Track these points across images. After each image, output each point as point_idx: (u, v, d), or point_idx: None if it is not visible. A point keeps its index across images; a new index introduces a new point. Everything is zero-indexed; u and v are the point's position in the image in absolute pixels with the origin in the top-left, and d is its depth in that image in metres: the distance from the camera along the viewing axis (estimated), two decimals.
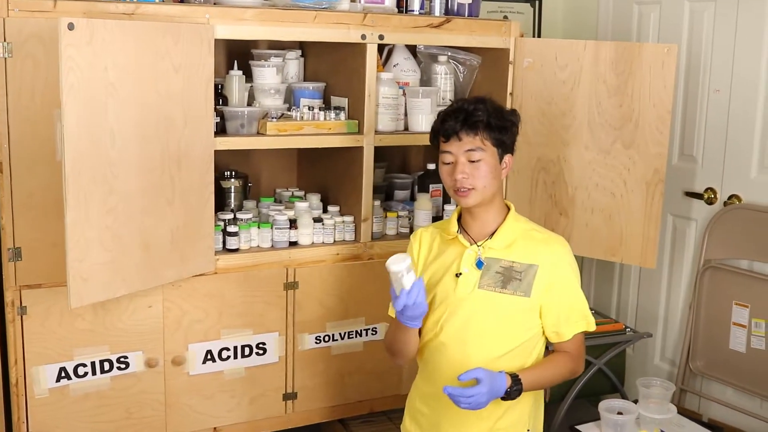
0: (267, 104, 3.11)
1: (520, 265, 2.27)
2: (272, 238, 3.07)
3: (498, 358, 2.26)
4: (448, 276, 2.31)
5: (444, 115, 2.28)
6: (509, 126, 2.30)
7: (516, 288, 2.25)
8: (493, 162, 2.26)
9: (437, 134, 2.30)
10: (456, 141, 2.24)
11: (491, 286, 2.26)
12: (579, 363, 2.34)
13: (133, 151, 2.52)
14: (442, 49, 3.40)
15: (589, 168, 3.23)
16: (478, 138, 2.24)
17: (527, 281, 2.25)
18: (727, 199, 3.46)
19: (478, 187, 2.24)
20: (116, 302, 2.76)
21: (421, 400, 2.43)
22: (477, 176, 2.24)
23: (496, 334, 2.26)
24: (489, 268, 2.28)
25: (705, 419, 3.46)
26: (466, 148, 2.23)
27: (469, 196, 2.25)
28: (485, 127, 2.24)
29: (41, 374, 2.75)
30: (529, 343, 2.30)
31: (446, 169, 2.28)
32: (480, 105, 2.26)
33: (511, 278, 2.26)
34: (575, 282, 2.32)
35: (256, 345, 3.04)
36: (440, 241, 2.39)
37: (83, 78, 2.33)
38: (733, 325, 3.39)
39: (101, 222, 2.45)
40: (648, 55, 3.08)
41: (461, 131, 2.23)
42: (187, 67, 2.66)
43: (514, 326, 2.27)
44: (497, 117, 2.27)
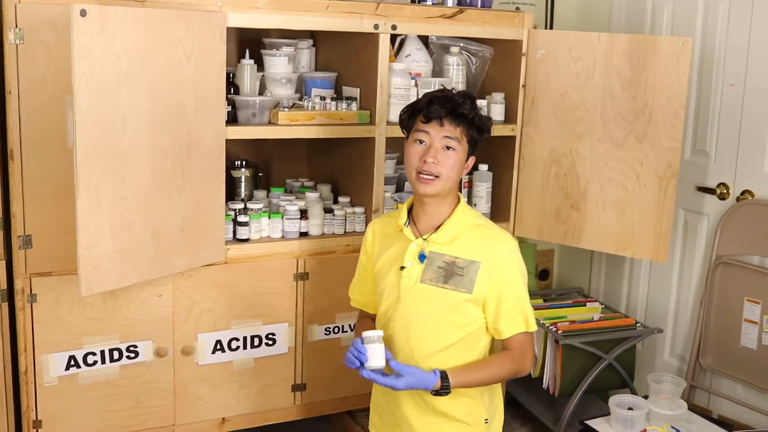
0: (278, 94, 3.09)
1: (462, 260, 2.25)
2: (283, 229, 3.06)
3: (440, 351, 2.27)
4: (393, 269, 2.33)
5: (432, 97, 2.27)
6: (485, 130, 2.32)
7: (458, 284, 2.24)
8: (462, 157, 2.28)
9: (416, 113, 2.29)
10: (437, 125, 2.24)
11: (433, 281, 2.26)
12: (522, 363, 2.30)
13: (145, 139, 2.51)
14: (454, 40, 3.37)
15: (602, 161, 3.21)
16: (458, 130, 2.25)
17: (469, 277, 2.24)
18: (739, 194, 3.44)
19: (442, 177, 2.24)
20: (126, 291, 2.75)
21: (379, 392, 2.46)
22: (445, 165, 2.23)
23: (438, 328, 2.27)
24: (432, 262, 2.27)
25: (715, 416, 3.45)
26: (444, 134, 2.24)
27: (431, 184, 2.24)
28: (468, 122, 2.26)
29: (50, 362, 2.75)
30: (473, 337, 2.29)
31: (417, 150, 2.26)
32: (468, 100, 2.27)
33: (453, 273, 2.25)
34: (518, 280, 2.29)
35: (265, 336, 3.03)
36: (390, 233, 2.40)
37: (95, 65, 2.31)
38: (744, 321, 3.38)
39: (112, 210, 2.44)
40: (662, 48, 3.05)
41: (445, 118, 2.23)
42: (199, 55, 2.64)
43: (456, 320, 2.26)
44: (479, 118, 2.29)
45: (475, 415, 2.33)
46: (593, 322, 3.52)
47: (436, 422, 2.31)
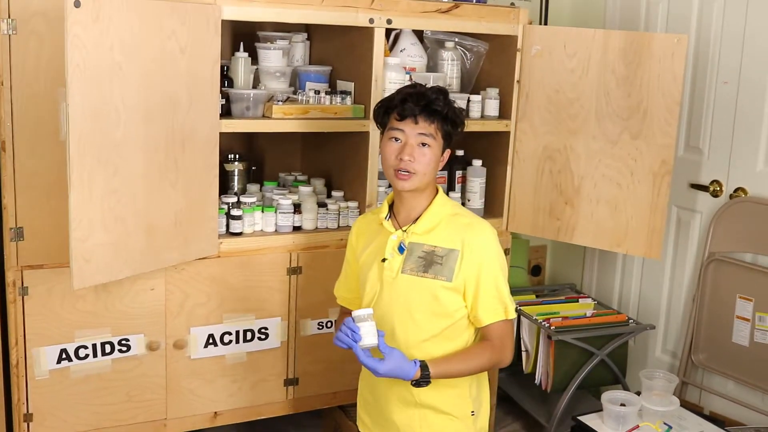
0: (272, 87, 3.08)
1: (441, 249, 2.27)
2: (276, 223, 3.04)
3: (425, 341, 2.28)
4: (376, 262, 2.35)
5: (405, 95, 2.27)
6: (459, 123, 2.33)
7: (437, 272, 2.26)
8: (437, 152, 2.30)
9: (390, 110, 2.29)
10: (411, 123, 2.25)
11: (414, 271, 2.28)
12: (503, 353, 2.30)
13: (138, 131, 2.50)
14: (449, 35, 3.37)
15: (596, 158, 3.21)
16: (433, 126, 2.26)
17: (448, 266, 2.26)
18: (732, 191, 3.44)
19: (419, 173, 2.25)
20: (118, 284, 2.74)
21: (365, 386, 2.47)
22: (421, 162, 2.25)
23: (421, 318, 2.28)
24: (412, 252, 2.29)
25: (706, 412, 3.46)
26: (419, 131, 2.25)
27: (408, 180, 2.26)
28: (442, 118, 2.27)
29: (42, 356, 2.73)
30: (457, 327, 2.30)
31: (392, 148, 2.27)
32: (441, 96, 2.28)
33: (432, 262, 2.27)
34: (496, 268, 2.29)
35: (258, 330, 3.03)
36: (372, 228, 2.43)
37: (88, 57, 2.30)
38: (736, 318, 3.38)
39: (104, 203, 2.43)
40: (658, 45, 3.05)
41: (420, 115, 2.24)
42: (193, 47, 2.63)
43: (438, 310, 2.27)
44: (453, 112, 2.30)
45: (461, 407, 2.33)
46: (586, 318, 3.52)
47: (422, 415, 2.31)
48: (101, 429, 2.87)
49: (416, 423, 2.33)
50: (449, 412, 2.32)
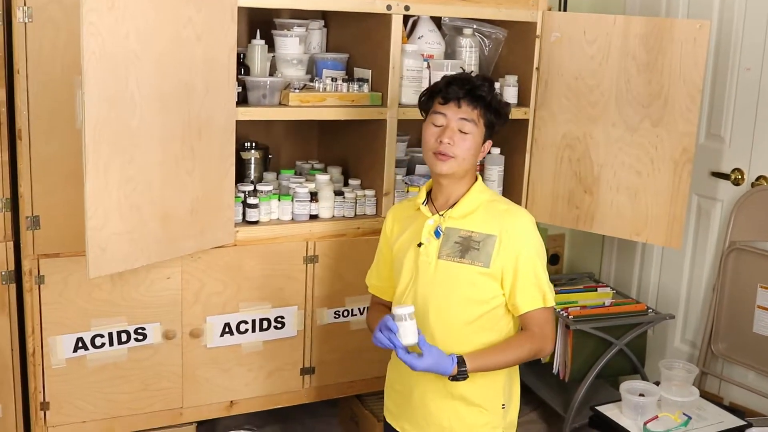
0: (289, 75, 3.06)
1: (478, 234, 2.25)
2: (293, 211, 3.03)
3: (461, 328, 2.25)
4: (412, 247, 2.33)
5: (450, 79, 2.27)
6: (503, 114, 2.32)
7: (474, 258, 2.24)
8: (478, 140, 2.28)
9: (435, 95, 2.29)
10: (454, 106, 2.24)
11: (450, 256, 2.26)
12: (543, 342, 2.28)
13: (154, 119, 2.48)
14: (467, 22, 3.33)
15: (616, 146, 3.17)
16: (475, 112, 2.25)
17: (485, 251, 2.24)
18: (754, 180, 3.40)
19: (458, 157, 2.24)
20: (134, 273, 2.73)
21: (395, 376, 2.44)
22: (461, 147, 2.24)
23: (457, 304, 2.26)
24: (448, 237, 2.27)
25: (726, 402, 3.42)
26: (461, 116, 2.24)
27: (447, 163, 2.24)
28: (486, 105, 2.26)
29: (58, 344, 2.74)
30: (494, 314, 2.28)
31: (433, 131, 2.27)
32: (486, 83, 2.27)
33: (469, 248, 2.25)
34: (534, 255, 2.27)
35: (274, 319, 3.02)
36: (408, 214, 2.41)
37: (104, 44, 2.28)
38: (757, 308, 3.35)
39: (120, 191, 2.42)
40: (679, 31, 3.01)
41: (463, 99, 2.23)
42: (209, 35, 2.61)
43: (475, 296, 2.25)
44: (497, 102, 2.29)
45: (493, 400, 2.31)
46: (604, 307, 3.49)
47: (453, 406, 2.28)
48: (117, 417, 2.87)
49: (447, 414, 2.30)
50: (481, 404, 2.29)
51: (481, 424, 2.31)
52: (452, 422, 2.30)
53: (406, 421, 2.39)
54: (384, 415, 2.50)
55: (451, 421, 2.30)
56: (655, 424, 2.91)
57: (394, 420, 2.44)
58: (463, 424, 2.30)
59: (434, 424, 2.32)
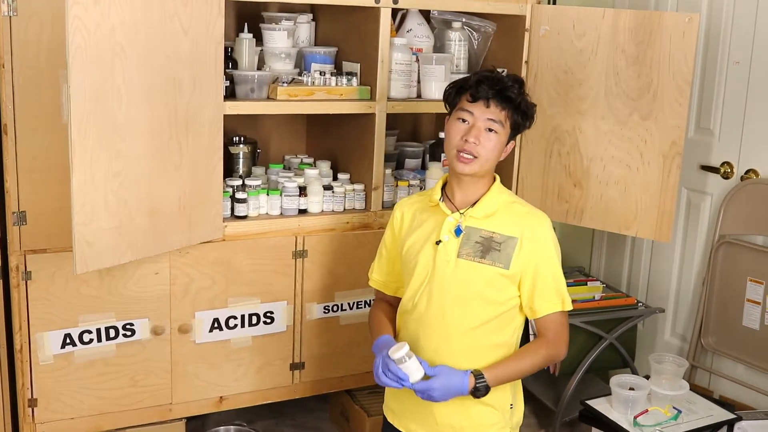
0: (277, 68, 3.04)
1: (500, 236, 2.23)
2: (281, 206, 3.02)
3: (474, 328, 2.23)
4: (429, 244, 2.29)
5: (481, 77, 2.23)
6: (530, 117, 2.29)
7: (495, 259, 2.22)
8: (503, 140, 2.25)
9: (463, 91, 2.25)
10: (483, 106, 2.20)
11: (470, 256, 2.23)
12: (558, 347, 2.27)
13: (141, 114, 2.47)
14: (456, 15, 3.32)
15: (605, 139, 3.16)
16: (503, 113, 2.21)
17: (506, 253, 2.22)
18: (744, 173, 3.40)
19: (481, 158, 2.21)
20: (122, 268, 2.72)
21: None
22: (486, 147, 2.21)
23: (473, 304, 2.23)
24: (469, 237, 2.25)
25: (716, 396, 3.43)
26: (489, 116, 2.20)
27: (469, 164, 2.22)
28: (515, 106, 2.23)
29: (46, 340, 2.72)
30: (507, 316, 2.26)
31: (459, 127, 2.23)
32: (516, 84, 2.24)
33: (490, 248, 2.23)
34: (554, 259, 2.27)
35: (263, 314, 3.00)
36: (422, 209, 2.37)
37: (90, 38, 2.26)
38: (746, 301, 3.35)
39: (107, 186, 2.40)
40: (668, 24, 3.00)
41: (492, 99, 2.20)
42: (196, 28, 2.59)
43: (492, 297, 2.23)
44: (526, 104, 2.26)
45: (501, 399, 2.29)
46: (594, 301, 3.49)
47: (464, 406, 2.25)
48: (106, 414, 2.86)
49: (458, 414, 2.27)
50: (490, 403, 2.26)
51: (491, 424, 2.29)
52: (463, 422, 2.27)
53: (411, 420, 2.35)
54: (385, 414, 2.45)
55: (461, 420, 2.27)
56: (645, 417, 2.90)
57: (398, 420, 2.39)
58: (474, 424, 2.27)
59: (444, 424, 2.28)
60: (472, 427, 2.28)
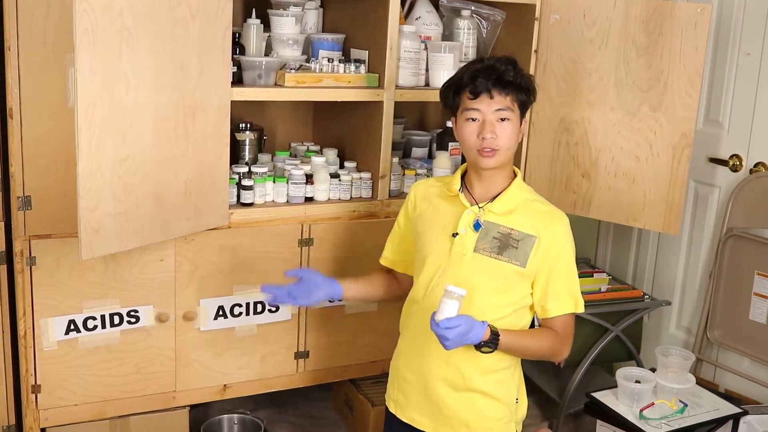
0: (285, 55, 3.01)
1: (518, 233, 2.21)
2: (288, 193, 3.00)
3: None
4: (445, 235, 2.27)
5: (475, 71, 2.19)
6: (532, 90, 2.27)
7: (512, 256, 2.20)
8: (517, 124, 2.23)
9: (461, 89, 2.22)
10: (486, 99, 2.17)
11: (487, 251, 2.21)
12: (564, 345, 2.26)
13: (148, 99, 2.44)
14: (465, 3, 3.30)
15: (614, 130, 3.14)
16: (508, 98, 2.19)
17: (524, 251, 2.20)
18: (753, 166, 3.38)
19: (502, 149, 2.19)
20: (127, 255, 2.70)
21: (406, 366, 2.37)
22: (503, 137, 2.19)
23: (486, 300, 2.21)
24: (487, 232, 2.22)
25: (721, 390, 3.41)
26: (496, 107, 2.18)
27: (494, 157, 2.20)
28: (516, 88, 2.20)
29: (50, 326, 2.70)
30: (519, 314, 2.25)
31: (471, 127, 2.20)
32: (510, 66, 2.21)
33: (507, 245, 2.21)
34: (570, 260, 2.25)
35: (269, 302, 2.98)
36: (439, 196, 2.35)
37: (97, 22, 2.23)
38: (754, 295, 3.33)
39: (113, 172, 2.38)
40: (680, 15, 2.98)
41: (493, 89, 2.17)
42: (204, 13, 2.56)
43: (506, 294, 2.22)
44: (525, 80, 2.23)
45: (507, 393, 2.29)
46: (600, 293, 3.48)
47: (471, 399, 2.24)
48: (110, 400, 2.85)
49: (464, 407, 2.25)
50: (497, 396, 2.26)
51: (497, 418, 2.28)
52: (469, 415, 2.25)
53: (415, 412, 2.33)
54: (387, 405, 2.43)
55: (468, 414, 2.25)
56: (651, 411, 2.89)
57: (401, 411, 2.37)
58: (480, 418, 2.26)
59: (450, 416, 2.27)
60: (478, 420, 2.27)
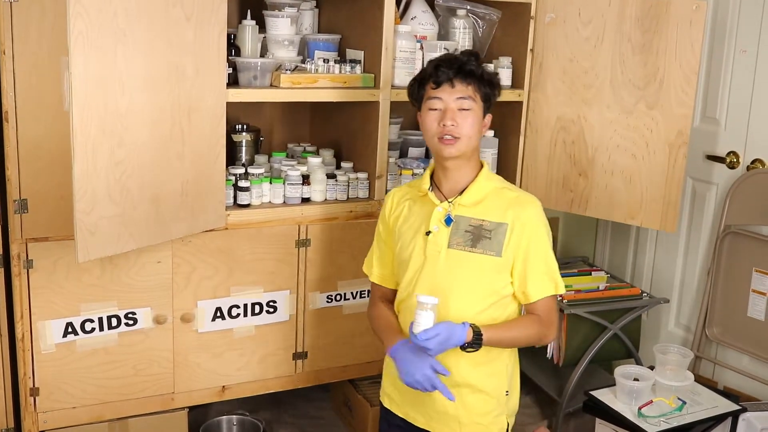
0: (280, 56, 3.02)
1: (489, 223, 2.23)
2: (284, 194, 3.00)
3: (472, 318, 2.21)
4: (419, 234, 2.28)
5: (437, 62, 2.24)
6: (496, 85, 2.29)
7: (486, 247, 2.21)
8: (479, 115, 2.25)
9: (425, 81, 2.25)
10: (448, 88, 2.21)
11: (461, 245, 2.23)
12: (549, 329, 2.26)
13: (143, 101, 2.44)
14: (461, 3, 3.30)
15: (611, 128, 3.14)
16: (470, 87, 2.22)
17: (497, 240, 2.21)
18: (750, 163, 3.37)
19: (463, 137, 2.21)
20: (124, 257, 2.70)
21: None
22: (464, 125, 2.21)
23: (466, 294, 2.22)
24: (458, 226, 2.24)
25: (720, 387, 3.41)
26: (457, 96, 2.21)
27: (455, 145, 2.21)
28: (478, 78, 2.23)
29: (47, 329, 2.70)
30: (501, 304, 2.26)
31: (433, 116, 2.23)
32: (473, 58, 2.25)
33: (480, 237, 2.22)
34: (545, 243, 2.25)
35: (266, 303, 2.99)
36: (411, 200, 2.37)
37: (92, 24, 2.24)
38: (752, 292, 3.33)
39: (109, 174, 2.38)
40: (675, 12, 2.98)
41: (455, 78, 2.20)
42: (199, 14, 2.56)
43: (486, 286, 2.23)
44: (488, 74, 2.26)
45: (497, 386, 2.30)
46: (598, 291, 3.48)
47: (459, 394, 2.25)
48: (108, 403, 2.85)
49: (453, 403, 2.25)
50: (487, 391, 2.28)
51: (486, 412, 2.29)
52: (458, 410, 2.27)
53: (410, 408, 2.35)
54: (381, 401, 2.45)
55: (457, 409, 2.27)
56: (650, 408, 2.89)
57: (397, 407, 2.39)
58: (469, 413, 2.28)
59: (440, 412, 2.29)
60: (468, 416, 2.28)
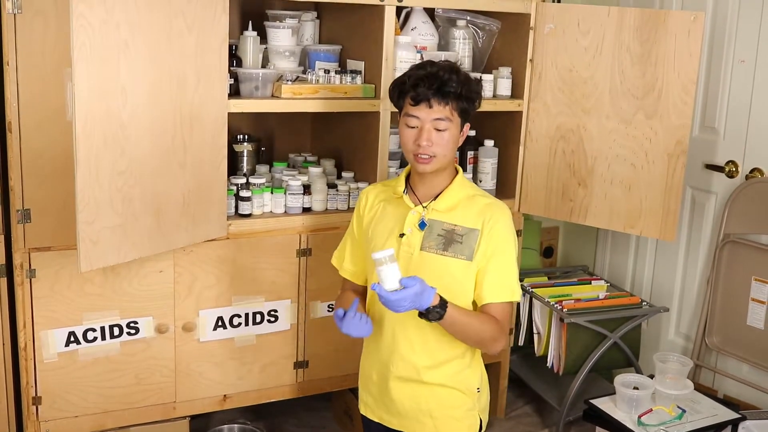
0: (282, 67, 3.04)
1: (461, 228, 2.24)
2: (285, 204, 3.01)
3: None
4: (392, 237, 2.29)
5: (417, 79, 2.21)
6: (475, 97, 2.28)
7: (457, 251, 2.23)
8: (455, 132, 2.25)
9: (405, 95, 2.24)
10: (425, 107, 2.20)
11: (433, 249, 2.24)
12: (502, 334, 2.25)
13: (145, 112, 2.46)
14: (461, 13, 3.31)
15: (610, 138, 3.16)
16: (447, 108, 2.21)
17: (468, 245, 2.23)
18: (749, 172, 3.39)
19: (438, 155, 2.22)
20: (126, 266, 2.71)
21: (371, 366, 2.41)
22: (440, 144, 2.21)
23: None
24: (431, 230, 2.26)
25: (720, 395, 3.42)
26: (434, 117, 2.20)
27: (429, 163, 2.22)
28: (456, 97, 2.22)
29: (50, 338, 2.72)
30: (471, 307, 2.26)
31: (410, 133, 2.23)
32: (453, 75, 2.22)
33: (452, 241, 2.24)
34: (509, 250, 2.26)
35: (267, 312, 3.00)
36: (386, 201, 2.38)
37: (94, 35, 2.26)
38: (751, 300, 3.35)
39: (112, 184, 2.40)
40: (674, 22, 3.00)
41: (433, 98, 2.19)
42: (200, 26, 2.58)
43: (456, 289, 2.23)
44: (467, 89, 2.24)
45: (467, 383, 2.31)
46: (598, 300, 3.49)
47: (430, 390, 2.27)
48: (110, 412, 2.86)
49: (423, 399, 2.29)
50: (457, 387, 2.29)
51: (458, 405, 2.30)
52: (430, 404, 2.28)
53: (384, 411, 2.37)
54: (360, 410, 2.47)
55: (429, 403, 2.28)
56: (650, 417, 2.91)
57: (371, 412, 2.41)
58: (442, 406, 2.29)
59: (412, 409, 2.30)
60: (439, 409, 2.29)
